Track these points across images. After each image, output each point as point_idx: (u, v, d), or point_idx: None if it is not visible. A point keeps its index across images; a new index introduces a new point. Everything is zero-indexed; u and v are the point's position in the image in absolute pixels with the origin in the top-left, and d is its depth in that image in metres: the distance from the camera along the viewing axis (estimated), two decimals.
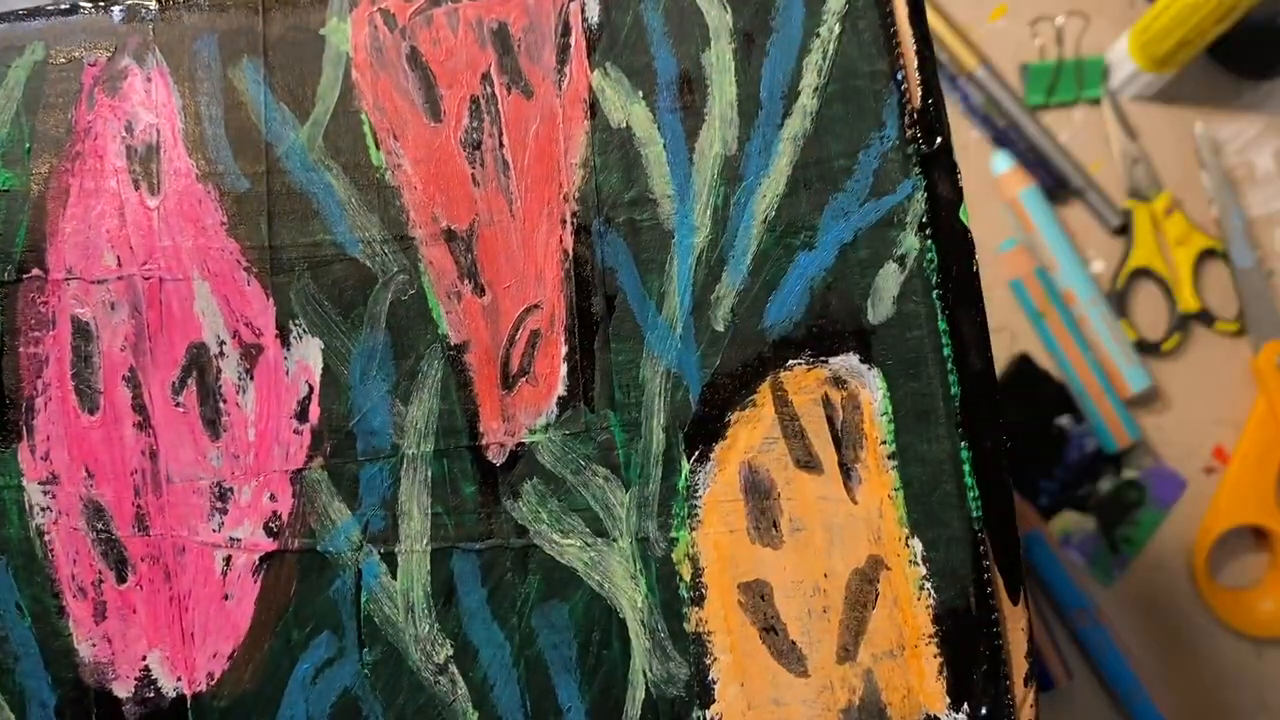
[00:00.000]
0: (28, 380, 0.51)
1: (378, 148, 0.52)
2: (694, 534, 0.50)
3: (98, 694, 0.50)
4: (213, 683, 0.50)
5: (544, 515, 0.50)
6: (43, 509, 0.51)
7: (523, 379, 0.51)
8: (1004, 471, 0.49)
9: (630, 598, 0.50)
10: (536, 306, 0.51)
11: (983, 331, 0.50)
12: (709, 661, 0.49)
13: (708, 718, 0.49)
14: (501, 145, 0.52)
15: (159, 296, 0.51)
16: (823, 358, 0.50)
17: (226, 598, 0.50)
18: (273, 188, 0.52)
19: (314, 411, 0.51)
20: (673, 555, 0.50)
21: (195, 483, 0.51)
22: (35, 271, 0.52)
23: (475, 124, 0.52)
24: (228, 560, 0.51)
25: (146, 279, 0.51)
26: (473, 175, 0.52)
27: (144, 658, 0.50)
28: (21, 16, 0.54)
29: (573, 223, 0.51)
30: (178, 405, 0.51)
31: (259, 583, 0.50)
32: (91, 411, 0.51)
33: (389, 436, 0.51)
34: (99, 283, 0.52)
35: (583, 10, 0.52)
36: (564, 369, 0.51)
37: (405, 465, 0.51)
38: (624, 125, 0.52)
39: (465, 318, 0.51)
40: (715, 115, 0.51)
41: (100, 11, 0.53)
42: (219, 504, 0.51)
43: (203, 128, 0.52)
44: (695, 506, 0.50)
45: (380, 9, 0.53)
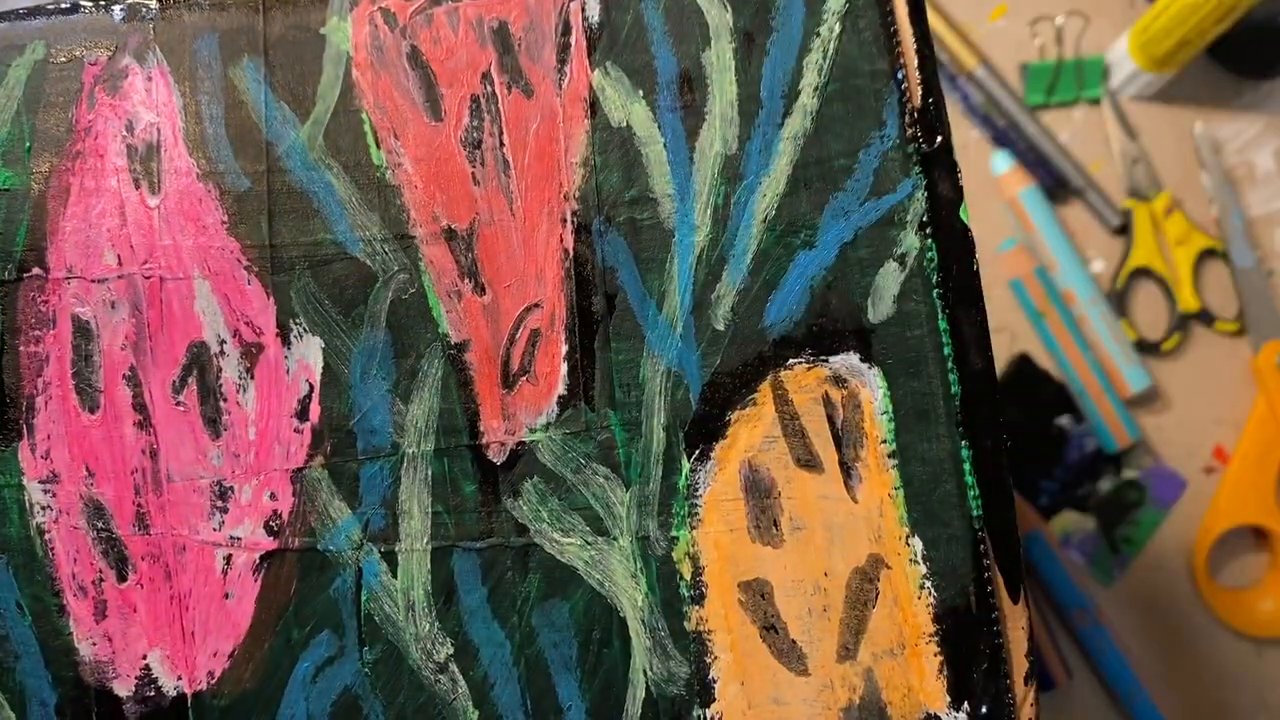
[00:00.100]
0: (28, 379, 0.51)
1: (378, 147, 0.52)
2: (694, 533, 0.50)
3: (98, 692, 0.50)
4: (213, 681, 0.50)
5: (544, 514, 0.50)
6: (43, 508, 0.51)
7: (523, 378, 0.51)
8: (1004, 470, 0.49)
9: (631, 596, 0.50)
10: (537, 305, 0.51)
11: (983, 330, 0.50)
12: (709, 660, 0.49)
13: (708, 716, 0.49)
14: (502, 144, 0.52)
15: (159, 295, 0.51)
16: (823, 357, 0.50)
17: (227, 596, 0.50)
18: (273, 187, 0.52)
19: (314, 410, 0.51)
20: (673, 554, 0.50)
21: (196, 481, 0.51)
22: (36, 270, 0.52)
23: (475, 123, 0.52)
24: (228, 559, 0.51)
25: (147, 278, 0.52)
26: (473, 174, 0.52)
27: (144, 656, 0.50)
28: (22, 15, 0.54)
29: (573, 222, 0.51)
30: (178, 404, 0.51)
31: (259, 581, 0.50)
32: (92, 410, 0.51)
33: (389, 435, 0.51)
34: (99, 281, 0.52)
35: (583, 9, 0.52)
36: (564, 368, 0.51)
37: (406, 464, 0.51)
38: (624, 124, 0.52)
39: (466, 316, 0.51)
40: (716, 114, 0.51)
41: (101, 11, 0.54)
42: (219, 503, 0.51)
43: (203, 127, 0.52)
44: (695, 505, 0.50)
45: (381, 8, 0.53)
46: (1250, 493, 0.94)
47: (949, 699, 0.48)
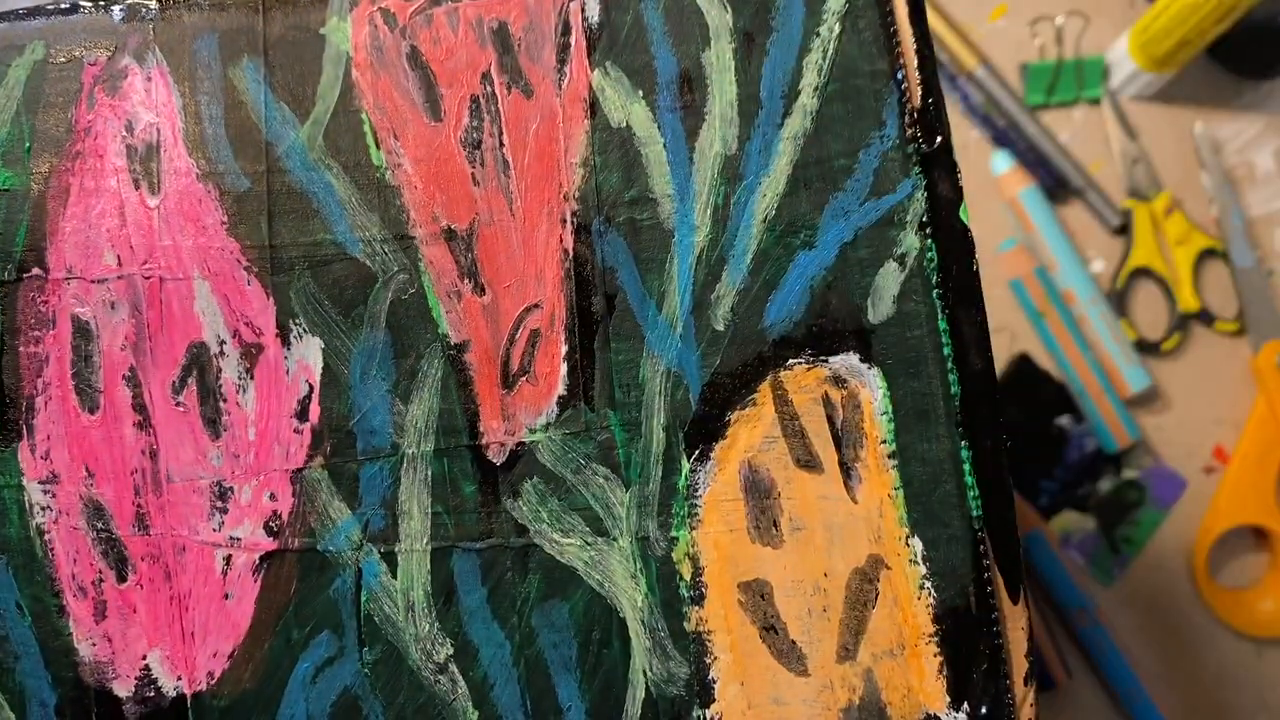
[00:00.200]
0: (28, 379, 0.51)
1: (378, 147, 0.52)
2: (694, 533, 0.50)
3: (98, 693, 0.50)
4: (213, 682, 0.50)
5: (544, 514, 0.50)
6: (43, 508, 0.51)
7: (523, 378, 0.51)
8: (1004, 471, 0.49)
9: (630, 597, 0.50)
10: (536, 306, 0.51)
11: (983, 331, 0.50)
12: (709, 660, 0.49)
13: (708, 717, 0.49)
14: (501, 144, 0.52)
15: (159, 296, 0.51)
16: (823, 357, 0.50)
17: (227, 597, 0.50)
18: (273, 187, 0.52)
19: (314, 411, 0.51)
20: (673, 554, 0.50)
21: (195, 482, 0.51)
22: (35, 271, 0.52)
23: (475, 123, 0.52)
24: (228, 559, 0.51)
25: (147, 278, 0.51)
26: (473, 174, 0.52)
27: (144, 657, 0.50)
28: (21, 16, 0.54)
29: (573, 222, 0.51)
30: (178, 404, 0.51)
31: (259, 582, 0.50)
32: (92, 411, 0.51)
33: (389, 436, 0.51)
34: (99, 282, 0.52)
35: (583, 9, 0.52)
36: (564, 368, 0.51)
37: (405, 464, 0.51)
38: (624, 124, 0.52)
39: (465, 317, 0.51)
40: (715, 114, 0.51)
41: (100, 11, 0.53)
42: (219, 503, 0.51)
43: (203, 127, 0.52)
44: (695, 506, 0.50)
45: (380, 8, 0.53)
46: (1250, 493, 0.94)
47: (949, 699, 0.48)
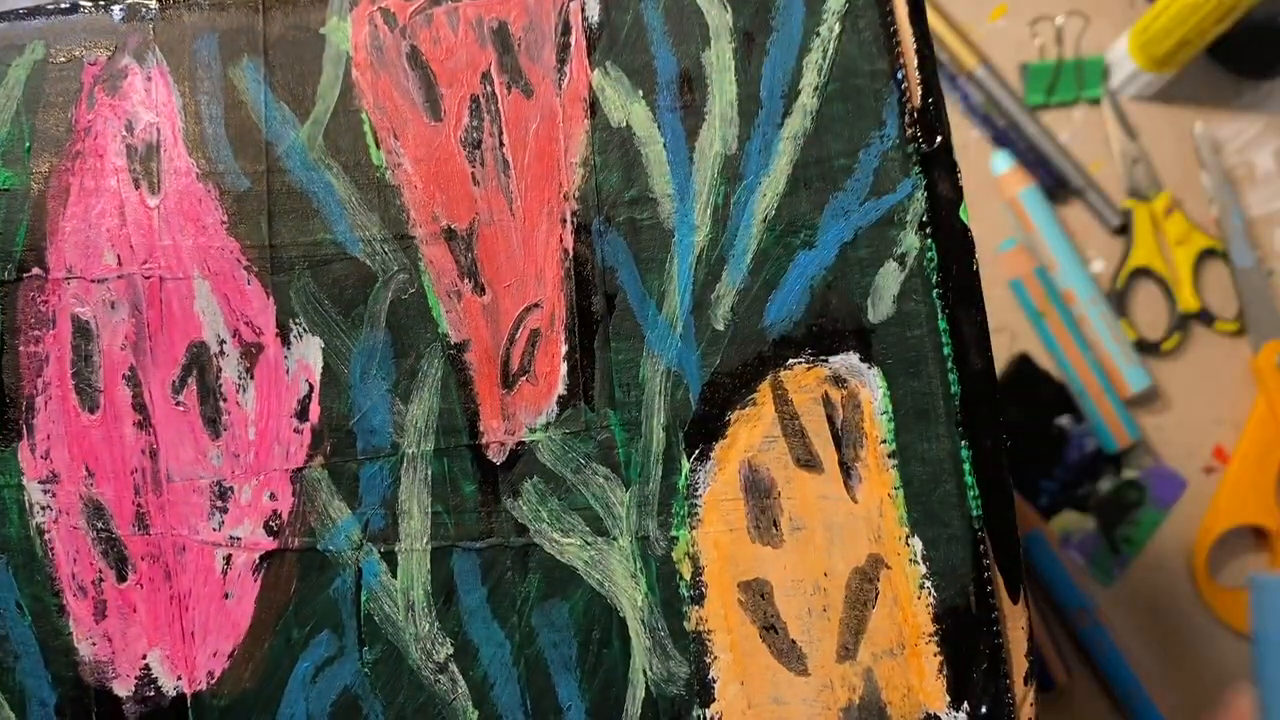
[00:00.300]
0: (28, 379, 0.51)
1: (378, 147, 0.52)
2: (694, 533, 0.50)
3: (98, 692, 0.50)
4: (213, 681, 0.50)
5: (544, 514, 0.50)
6: (43, 508, 0.51)
7: (523, 378, 0.51)
8: (1004, 470, 0.49)
9: (630, 596, 0.50)
10: (537, 305, 0.51)
11: (983, 330, 0.50)
12: (709, 660, 0.49)
13: (708, 716, 0.49)
14: (501, 144, 0.52)
15: (159, 295, 0.51)
16: (823, 356, 0.50)
17: (227, 596, 0.50)
18: (273, 187, 0.52)
19: (314, 410, 0.51)
20: (673, 554, 0.50)
21: (195, 481, 0.51)
22: (35, 270, 0.52)
23: (475, 123, 0.52)
24: (228, 559, 0.51)
25: (147, 278, 0.51)
26: (473, 174, 0.52)
27: (144, 656, 0.50)
28: (22, 15, 0.54)
29: (573, 222, 0.51)
30: (178, 404, 0.51)
31: (259, 581, 0.50)
32: (92, 410, 0.51)
33: (389, 435, 0.51)
34: (99, 281, 0.52)
35: (583, 9, 0.52)
36: (564, 368, 0.51)
37: (405, 464, 0.51)
38: (624, 124, 0.52)
39: (465, 316, 0.51)
40: (715, 114, 0.51)
41: (100, 10, 0.53)
42: (219, 503, 0.51)
43: (203, 127, 0.52)
44: (695, 505, 0.50)
45: (380, 8, 0.53)
46: (1250, 493, 0.94)
47: (949, 699, 0.48)
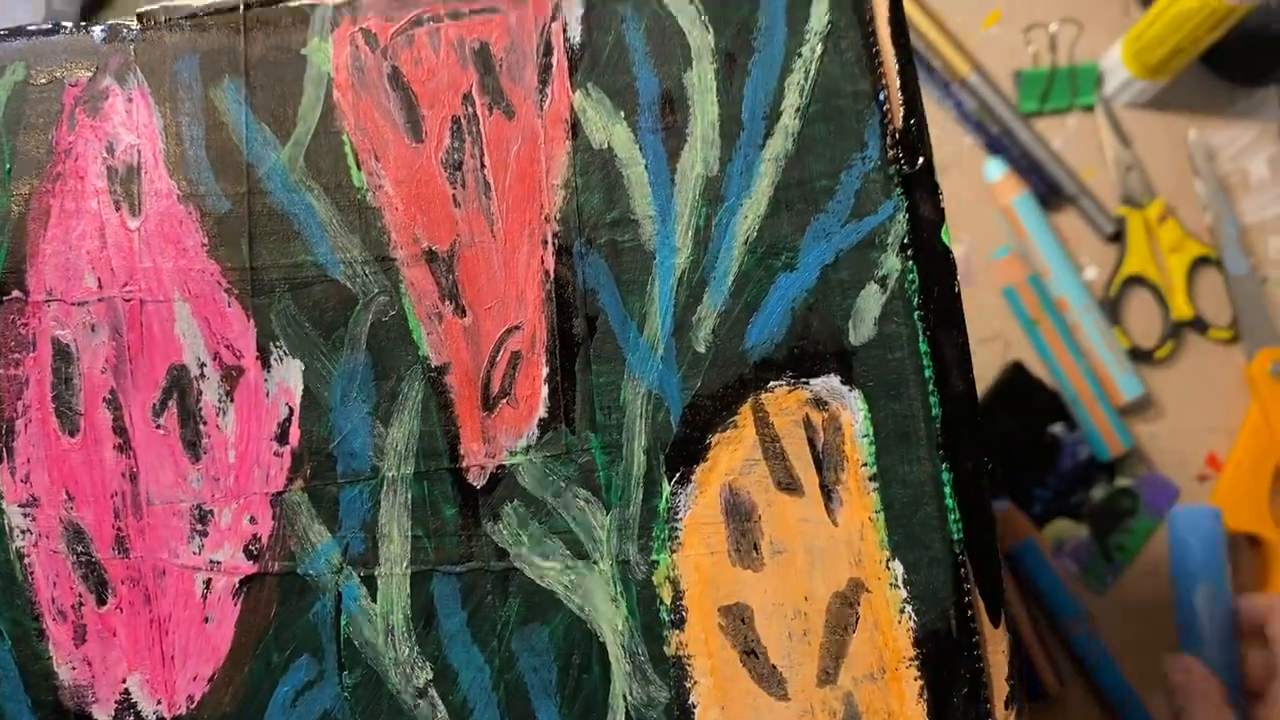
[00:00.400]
0: (8, 402, 0.51)
1: (359, 168, 0.52)
2: (674, 556, 0.50)
3: (77, 717, 0.50)
4: (193, 705, 0.50)
5: (524, 538, 0.50)
6: (23, 531, 0.51)
7: (503, 400, 0.51)
8: (985, 493, 0.49)
9: (611, 621, 0.50)
10: (517, 328, 0.51)
11: (964, 353, 0.50)
12: (689, 685, 0.49)
13: None
14: (483, 166, 0.52)
15: (140, 318, 0.51)
16: (804, 379, 0.50)
17: (206, 620, 0.50)
18: (254, 209, 0.52)
19: (294, 433, 0.51)
20: (653, 578, 0.50)
21: (175, 505, 0.51)
22: (15, 293, 0.52)
23: (457, 144, 0.52)
24: (208, 583, 0.50)
25: (127, 300, 0.51)
26: (454, 196, 0.52)
27: (124, 680, 0.50)
28: (2, 37, 0.53)
29: (554, 244, 0.51)
30: (158, 427, 0.51)
31: (239, 605, 0.50)
32: (72, 434, 0.51)
33: (369, 459, 0.51)
34: (80, 304, 0.51)
35: (564, 30, 0.52)
36: (545, 390, 0.51)
37: (385, 487, 0.51)
38: (606, 146, 0.51)
39: (446, 339, 0.51)
40: (697, 136, 0.51)
41: (81, 32, 0.53)
42: (199, 526, 0.51)
43: (184, 148, 0.52)
44: (676, 529, 0.50)
45: (362, 29, 0.53)
46: (1244, 501, 0.94)
47: None
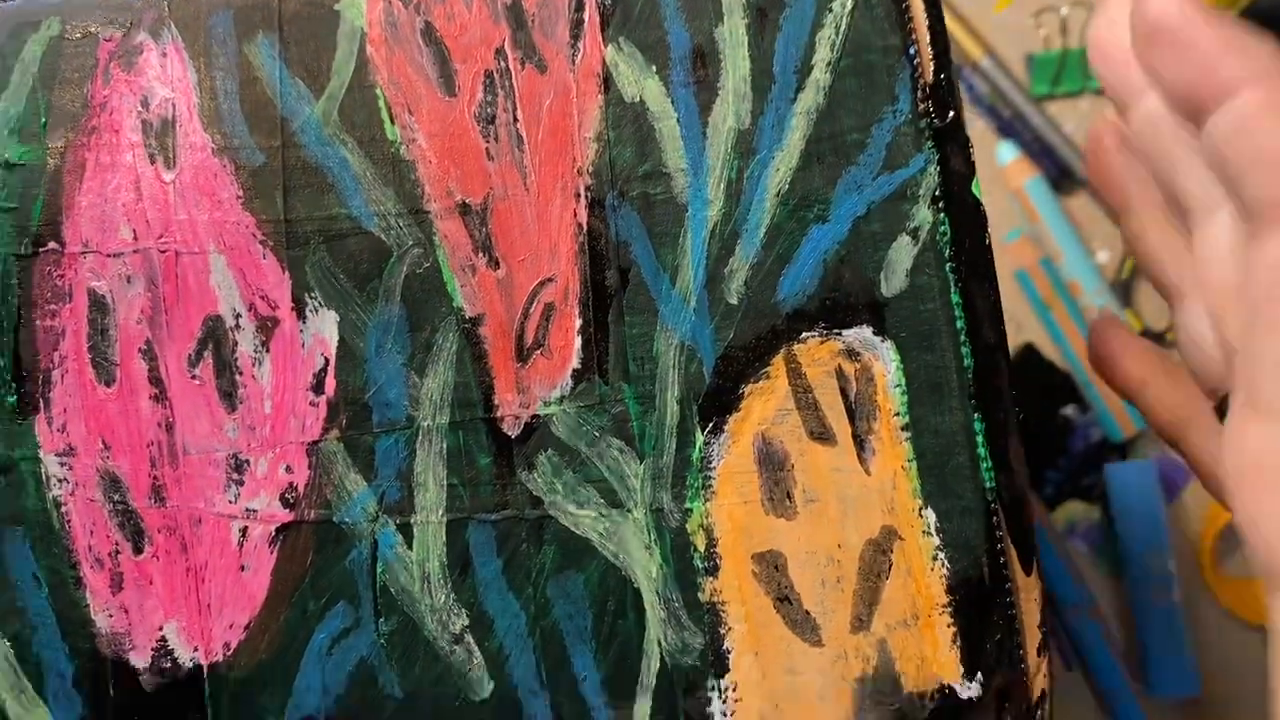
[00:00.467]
0: (44, 353, 0.51)
1: (392, 122, 0.52)
2: (708, 505, 0.50)
3: (115, 664, 0.50)
4: (229, 653, 0.50)
5: (559, 486, 0.50)
6: (60, 480, 0.51)
7: (537, 351, 0.51)
8: (1017, 443, 0.50)
9: (645, 568, 0.50)
10: (550, 280, 0.51)
11: (996, 305, 0.50)
12: (723, 631, 0.49)
13: (722, 687, 0.49)
14: (515, 120, 0.52)
15: (175, 270, 0.52)
16: (836, 330, 0.50)
17: (243, 569, 0.51)
18: (288, 162, 0.52)
19: (330, 384, 0.51)
20: (687, 526, 0.50)
21: (211, 454, 0.51)
22: (51, 245, 0.52)
23: (489, 99, 0.52)
24: (244, 531, 0.51)
25: (163, 252, 0.52)
26: (487, 149, 0.52)
27: (160, 628, 0.51)
28: None
29: (587, 196, 0.51)
30: (194, 378, 0.51)
31: (275, 554, 0.51)
32: (108, 384, 0.51)
33: (404, 408, 0.51)
34: (115, 256, 0.52)
35: None
36: (578, 342, 0.51)
37: (421, 437, 0.51)
38: (637, 100, 0.52)
39: (480, 291, 0.51)
40: (729, 89, 0.51)
41: None
42: (235, 475, 0.51)
43: (218, 102, 0.53)
44: (709, 478, 0.50)
45: None
46: None
47: (962, 670, 0.48)
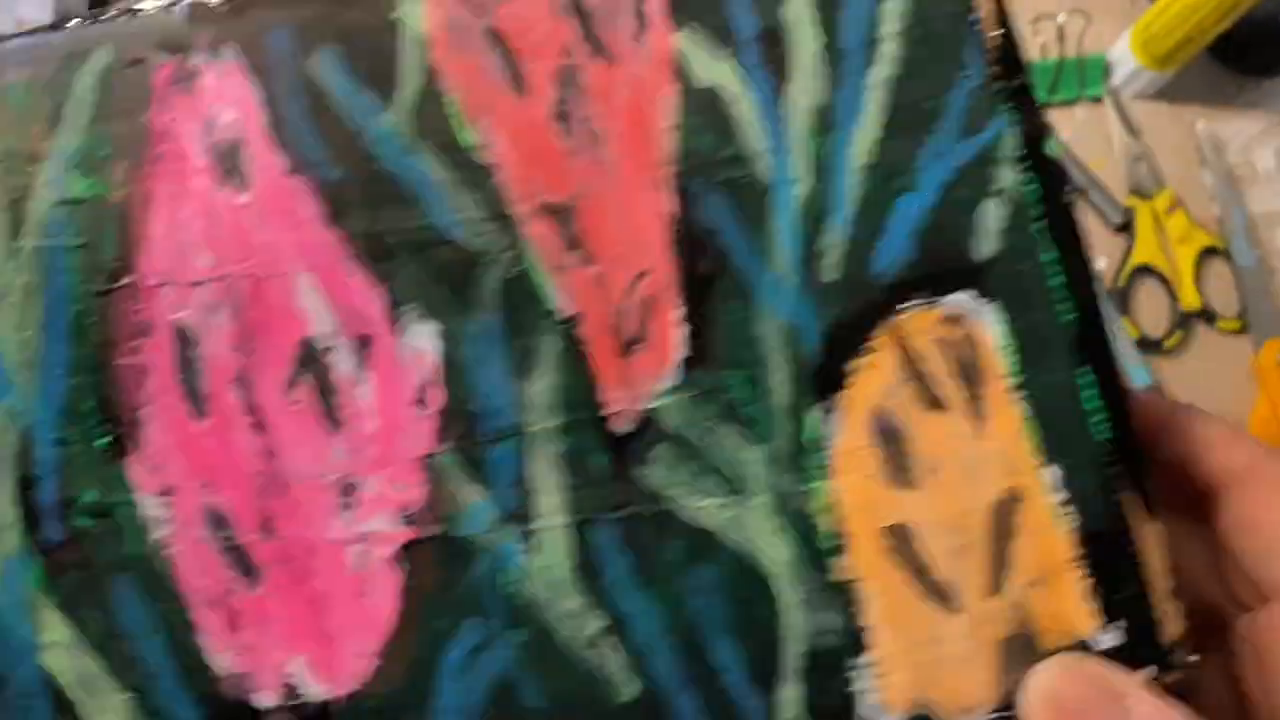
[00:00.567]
0: (132, 391, 0.50)
1: (467, 128, 0.51)
2: (829, 484, 0.49)
3: (242, 706, 0.48)
4: (361, 683, 0.48)
5: (677, 479, 0.49)
6: (161, 521, 0.49)
7: (639, 346, 0.50)
8: (1123, 393, 0.49)
9: (773, 554, 0.49)
10: (644, 273, 0.50)
11: (1085, 260, 0.50)
12: (860, 609, 0.48)
13: (866, 664, 0.48)
14: (591, 115, 0.51)
15: (260, 295, 0.50)
16: (936, 298, 0.50)
17: (364, 594, 0.49)
18: (365, 175, 0.51)
19: (433, 396, 0.50)
20: (810, 507, 0.49)
21: (319, 480, 0.49)
22: (127, 280, 0.50)
23: (562, 96, 0.52)
24: (362, 555, 0.49)
25: (245, 277, 0.50)
26: (565, 148, 0.51)
27: (285, 664, 0.49)
28: (86, 23, 0.53)
29: (670, 186, 0.51)
30: (292, 403, 0.50)
31: (397, 575, 0.49)
32: (202, 417, 0.50)
33: (511, 415, 0.50)
34: (195, 285, 0.50)
35: None
36: (680, 332, 0.50)
37: (532, 442, 0.49)
38: (711, 85, 0.51)
39: (575, 290, 0.50)
40: (801, 67, 0.51)
41: (166, 11, 0.53)
42: (346, 499, 0.49)
43: (287, 120, 0.51)
44: (827, 456, 0.49)
45: None
46: None
47: (1097, 622, 0.47)
